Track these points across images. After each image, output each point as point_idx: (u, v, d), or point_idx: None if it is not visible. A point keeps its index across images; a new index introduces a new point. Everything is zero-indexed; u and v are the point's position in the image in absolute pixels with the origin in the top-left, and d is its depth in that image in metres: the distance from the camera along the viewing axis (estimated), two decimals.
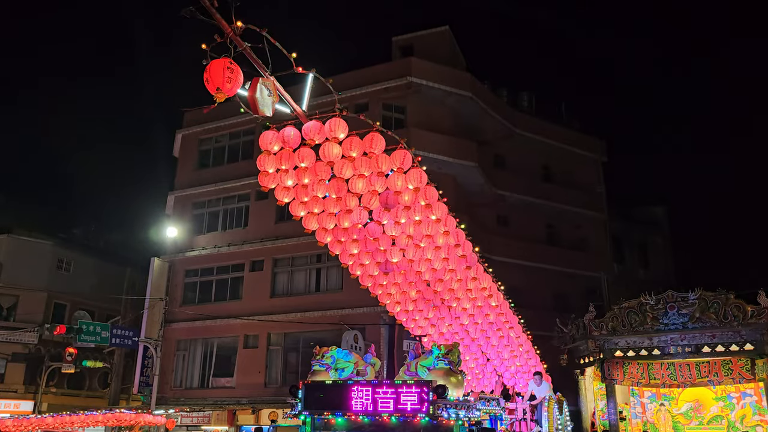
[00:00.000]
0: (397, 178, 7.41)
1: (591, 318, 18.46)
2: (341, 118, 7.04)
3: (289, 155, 7.30)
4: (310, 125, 6.98)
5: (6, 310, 31.53)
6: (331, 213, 8.06)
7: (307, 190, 7.70)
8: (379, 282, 9.73)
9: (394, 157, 7.36)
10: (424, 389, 7.07)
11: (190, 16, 5.53)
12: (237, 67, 5.88)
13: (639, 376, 18.31)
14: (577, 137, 31.27)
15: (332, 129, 6.98)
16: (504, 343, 12.35)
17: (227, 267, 25.69)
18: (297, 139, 7.13)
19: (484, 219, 27.22)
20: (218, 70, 5.77)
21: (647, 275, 31.52)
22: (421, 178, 7.56)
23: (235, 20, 5.72)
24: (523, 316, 13.35)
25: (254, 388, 23.19)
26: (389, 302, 10.19)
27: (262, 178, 7.55)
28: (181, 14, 5.50)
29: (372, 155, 7.24)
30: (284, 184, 7.64)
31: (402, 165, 7.34)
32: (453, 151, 24.51)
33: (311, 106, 6.99)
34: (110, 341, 26.24)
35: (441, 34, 27.27)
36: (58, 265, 33.27)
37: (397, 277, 9.63)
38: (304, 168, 7.39)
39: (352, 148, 7.14)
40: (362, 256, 9.12)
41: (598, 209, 30.53)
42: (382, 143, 7.21)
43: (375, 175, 7.38)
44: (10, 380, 30.62)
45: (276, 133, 7.17)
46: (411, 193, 7.61)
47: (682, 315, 17.28)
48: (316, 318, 22.50)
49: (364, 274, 9.48)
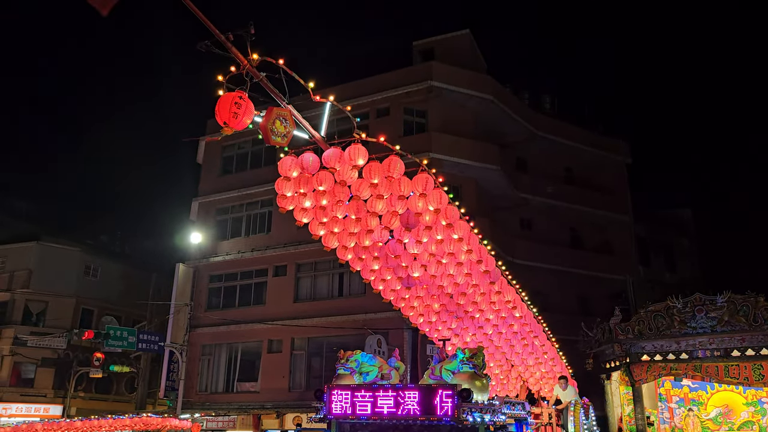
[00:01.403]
0: (417, 199, 7.36)
1: (617, 322, 18.19)
2: (361, 143, 6.98)
3: (307, 179, 7.25)
4: (329, 153, 6.95)
5: (36, 316, 32.15)
6: (351, 232, 7.99)
7: (326, 211, 7.64)
8: (402, 295, 9.68)
9: (416, 181, 7.31)
10: (449, 393, 7.04)
11: (206, 50, 5.58)
12: (246, 102, 5.90)
13: (660, 370, 17.95)
14: (601, 139, 30.98)
15: (352, 157, 6.92)
16: (528, 351, 12.22)
17: (251, 272, 25.88)
18: (316, 164, 7.09)
19: (507, 222, 27.08)
20: (225, 105, 5.83)
21: (674, 278, 31.08)
22: (442, 199, 7.51)
23: (251, 52, 5.76)
24: (548, 320, 13.24)
25: (278, 393, 23.30)
26: (412, 314, 10.14)
27: (280, 201, 7.51)
28: (197, 48, 5.57)
29: (392, 179, 7.18)
30: (302, 205, 7.58)
31: (424, 190, 7.29)
32: (475, 155, 24.44)
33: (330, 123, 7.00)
34: (137, 346, 26.59)
35: (461, 37, 27.24)
36: (85, 272, 33.86)
37: (419, 290, 9.59)
38: (323, 191, 7.33)
39: (371, 174, 7.08)
40: (384, 272, 9.07)
41: (622, 211, 30.18)
42: (402, 167, 7.15)
43: (396, 198, 7.32)
44: (39, 385, 31.19)
45: (295, 159, 7.15)
46: (432, 214, 7.56)
47: (711, 318, 16.94)
48: (340, 322, 22.55)
49: (386, 288, 9.42)
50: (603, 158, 30.56)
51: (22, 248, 33.17)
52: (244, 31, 5.65)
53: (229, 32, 5.62)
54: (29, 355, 30.90)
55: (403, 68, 25.99)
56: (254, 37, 5.75)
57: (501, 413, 7.70)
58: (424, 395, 7.17)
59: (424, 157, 25.09)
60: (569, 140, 29.43)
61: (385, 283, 9.33)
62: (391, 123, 24.90)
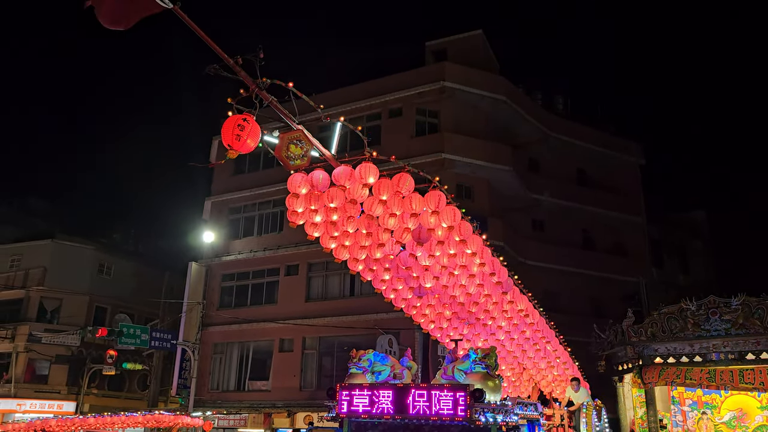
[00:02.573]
0: (430, 216, 7.29)
1: (629, 324, 18.08)
2: (371, 162, 6.93)
3: (318, 196, 7.20)
4: (339, 171, 6.90)
5: (50, 313, 32.45)
6: (362, 246, 7.94)
7: (336, 226, 7.58)
8: (413, 304, 9.66)
9: (428, 198, 7.23)
10: (461, 393, 7.05)
11: (215, 73, 5.60)
12: (250, 124, 5.90)
13: (674, 377, 17.78)
14: (614, 140, 30.81)
15: (362, 176, 6.87)
16: (541, 355, 12.17)
17: (263, 271, 26.00)
18: (326, 182, 7.04)
19: (519, 223, 27.01)
20: (228, 129, 5.83)
21: (687, 280, 30.85)
22: (456, 216, 7.44)
23: (260, 75, 5.77)
24: (559, 322, 13.17)
25: (289, 392, 23.38)
26: (423, 320, 10.12)
27: (291, 216, 7.46)
28: (206, 72, 5.57)
29: (405, 196, 7.12)
30: (313, 220, 7.52)
31: (437, 208, 7.22)
32: (487, 155, 24.39)
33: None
34: (149, 344, 26.73)
35: (474, 38, 27.20)
36: (99, 270, 34.13)
37: (430, 299, 9.56)
38: (334, 207, 7.26)
39: (382, 191, 7.01)
40: (395, 282, 9.04)
41: (635, 213, 30.00)
42: (411, 183, 7.08)
43: (407, 215, 7.25)
44: (53, 381, 31.48)
45: (304, 176, 7.08)
46: (445, 230, 7.50)
47: (725, 321, 16.80)
48: (351, 322, 22.59)
49: (397, 297, 9.41)
50: (616, 159, 30.39)
51: (37, 246, 33.49)
52: (253, 55, 5.67)
53: (238, 56, 5.63)
54: (44, 352, 31.20)
55: (416, 69, 25.99)
56: (263, 61, 5.77)
57: (513, 414, 7.69)
58: (437, 395, 7.18)
59: (436, 157, 25.12)
60: (582, 141, 29.30)
61: (397, 293, 9.31)
62: (404, 123, 24.91)
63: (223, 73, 5.63)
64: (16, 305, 32.27)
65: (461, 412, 6.95)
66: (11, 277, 32.78)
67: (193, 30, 5.36)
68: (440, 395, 7.16)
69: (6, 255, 33.95)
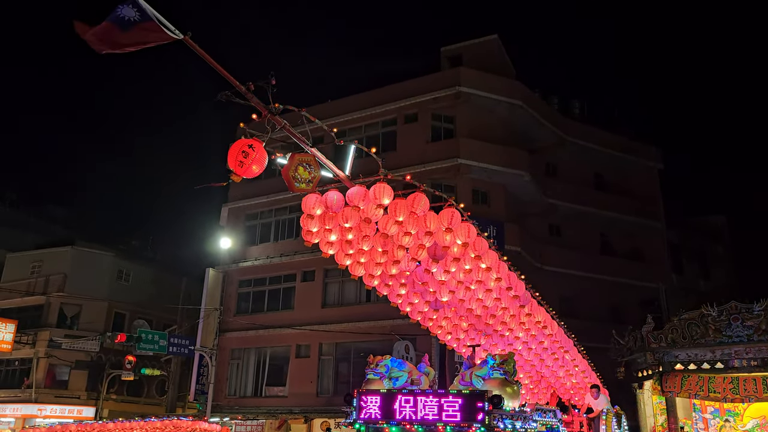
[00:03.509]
0: (444, 234, 7.24)
1: (649, 330, 17.86)
2: (386, 182, 6.91)
3: (332, 216, 7.20)
4: (354, 192, 6.90)
5: (70, 319, 32.82)
6: (378, 262, 7.90)
7: (351, 244, 7.58)
8: (429, 316, 9.63)
9: (442, 216, 7.19)
10: (480, 399, 7.00)
11: (226, 99, 5.62)
12: (256, 150, 5.93)
13: (698, 389, 17.52)
14: (631, 144, 30.52)
15: (377, 196, 6.86)
16: (559, 364, 12.06)
17: (279, 277, 26.08)
18: (340, 203, 7.05)
19: (535, 229, 26.85)
20: (233, 153, 5.88)
21: (708, 286, 30.42)
22: (470, 232, 7.40)
23: (272, 101, 5.80)
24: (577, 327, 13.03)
25: (306, 398, 23.39)
26: (440, 332, 10.08)
27: (306, 235, 7.47)
28: (217, 99, 5.60)
29: (417, 215, 7.08)
30: (328, 239, 7.53)
31: (450, 225, 7.18)
32: (503, 160, 24.29)
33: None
34: (167, 349, 26.93)
35: (490, 43, 27.13)
36: (118, 276, 34.47)
37: (447, 312, 9.52)
38: (348, 227, 7.25)
39: (397, 212, 6.97)
40: (411, 296, 9.01)
41: (654, 218, 29.68)
42: (426, 203, 7.06)
43: (422, 233, 7.22)
44: (73, 387, 31.80)
45: (319, 197, 7.09)
46: (460, 247, 7.46)
47: (747, 327, 16.54)
48: (367, 328, 22.56)
49: (413, 310, 9.38)
50: (634, 164, 30.12)
51: (58, 253, 33.92)
52: (265, 82, 5.70)
53: (249, 82, 5.65)
54: (64, 358, 31.54)
55: (431, 74, 25.98)
56: (276, 88, 5.80)
57: (532, 420, 7.63)
58: (455, 401, 7.14)
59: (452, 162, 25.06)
60: (599, 145, 29.07)
61: (413, 306, 9.27)
62: (419, 129, 24.90)
63: (235, 100, 5.65)
64: (37, 311, 32.69)
65: (479, 418, 6.91)
66: (32, 284, 33.21)
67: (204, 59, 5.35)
68: (458, 401, 7.12)
69: (27, 262, 34.42)
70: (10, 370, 32.68)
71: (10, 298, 33.04)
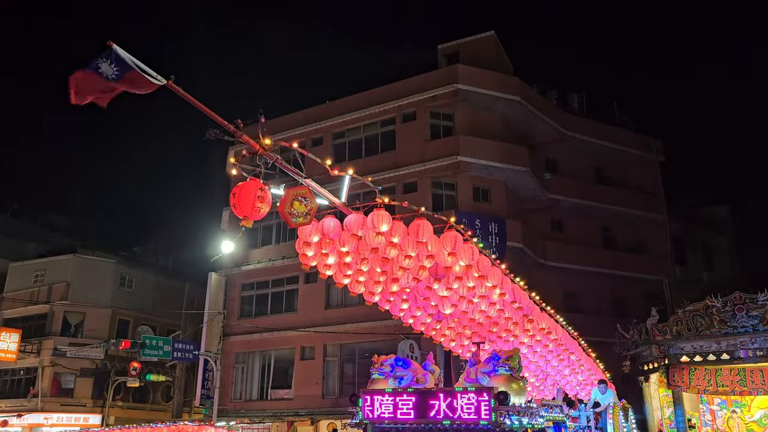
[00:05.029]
0: (447, 257, 7.11)
1: (654, 323, 17.83)
2: (384, 208, 6.76)
3: (330, 242, 7.03)
4: (351, 219, 6.76)
5: (74, 327, 32.80)
6: (377, 281, 7.77)
7: (350, 265, 7.44)
8: (433, 327, 9.58)
9: (444, 240, 7.07)
10: (486, 396, 6.95)
11: (215, 137, 5.54)
12: (267, 192, 5.85)
13: (706, 383, 17.47)
14: (632, 137, 30.46)
15: (375, 225, 6.71)
16: (564, 364, 12.04)
17: (282, 279, 26.03)
18: (337, 229, 6.88)
19: (537, 224, 26.79)
20: (247, 198, 5.75)
21: (712, 278, 30.31)
22: (474, 254, 7.29)
23: (262, 137, 5.73)
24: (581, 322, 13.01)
25: (312, 400, 23.35)
26: (443, 340, 10.05)
27: (303, 258, 7.29)
28: (207, 137, 5.51)
29: (421, 243, 6.93)
30: (325, 262, 7.38)
31: (454, 249, 7.06)
32: (503, 157, 24.23)
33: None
34: (172, 355, 26.89)
35: (486, 39, 27.07)
36: (120, 283, 34.45)
37: (450, 322, 9.47)
38: (346, 252, 7.10)
39: (394, 235, 6.81)
40: (413, 309, 8.93)
41: (656, 210, 29.60)
42: (429, 229, 6.93)
43: (423, 255, 7.10)
44: (79, 394, 31.78)
45: (315, 224, 6.91)
46: (463, 268, 7.36)
47: (752, 317, 16.50)
48: (371, 328, 22.51)
49: (416, 322, 9.31)
50: (634, 156, 30.03)
51: (60, 261, 33.91)
52: (254, 121, 5.69)
53: (238, 119, 5.60)
54: (69, 366, 31.52)
55: (428, 72, 25.93)
56: (265, 129, 5.79)
57: (539, 416, 7.58)
58: (460, 399, 7.10)
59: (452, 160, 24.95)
60: (599, 139, 28.99)
61: (416, 318, 9.20)
62: (418, 127, 24.84)
63: (225, 137, 5.56)
64: (41, 320, 32.69)
65: (486, 415, 6.86)
66: (35, 293, 33.21)
67: (188, 100, 5.27)
68: (464, 399, 7.07)
69: (29, 271, 34.41)
70: (16, 379, 32.66)
71: (13, 307, 33.08)
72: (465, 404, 7.02)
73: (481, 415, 6.91)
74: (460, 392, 7.20)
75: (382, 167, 24.40)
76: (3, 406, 31.36)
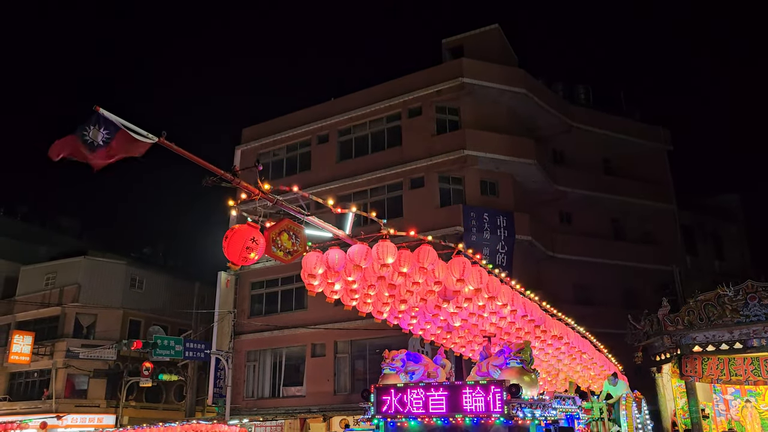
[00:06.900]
0: (456, 283, 7.03)
1: (665, 313, 17.72)
2: (389, 239, 6.68)
3: (335, 273, 6.94)
4: (355, 251, 6.66)
5: (86, 329, 33.02)
6: (385, 302, 7.69)
7: (357, 291, 7.36)
8: (443, 337, 9.54)
9: (452, 266, 6.99)
10: (498, 389, 6.93)
11: (212, 184, 5.51)
12: (259, 244, 5.80)
13: (719, 373, 17.37)
14: (639, 127, 30.29)
15: (380, 256, 6.62)
16: (576, 362, 11.98)
17: (291, 277, 26.02)
18: (342, 261, 6.78)
19: (546, 217, 26.71)
20: (237, 245, 5.71)
21: (723, 267, 30.11)
22: (482, 277, 7.22)
23: (261, 183, 5.72)
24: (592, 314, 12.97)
25: (324, 396, 23.41)
26: (454, 347, 10.02)
27: (309, 286, 7.22)
28: (204, 184, 5.48)
29: (426, 270, 6.85)
30: (332, 289, 7.30)
31: (462, 276, 6.98)
32: (510, 150, 24.16)
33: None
34: (184, 354, 26.98)
35: (491, 32, 26.97)
36: (131, 284, 34.63)
37: (460, 332, 9.43)
38: (352, 281, 7.02)
39: (402, 264, 6.73)
40: (422, 323, 8.88)
41: (665, 200, 29.43)
42: (434, 255, 6.85)
43: (431, 281, 7.03)
44: (92, 395, 32.01)
45: (320, 256, 6.83)
46: (472, 291, 7.29)
47: (765, 306, 16.37)
48: (382, 324, 22.49)
49: (426, 333, 9.27)
50: (642, 146, 29.85)
51: (71, 263, 34.13)
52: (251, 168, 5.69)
53: (235, 165, 5.59)
54: (82, 367, 31.74)
55: (433, 66, 25.86)
56: (263, 178, 5.77)
57: (552, 408, 7.55)
58: (472, 392, 7.08)
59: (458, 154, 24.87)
60: (606, 130, 28.86)
61: (425, 330, 9.15)
62: (424, 122, 24.80)
63: (222, 184, 5.53)
64: (53, 322, 32.91)
65: (498, 408, 6.84)
66: (47, 295, 33.45)
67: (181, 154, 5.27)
68: (476, 392, 7.06)
69: (41, 274, 34.67)
70: (30, 381, 32.95)
71: (26, 310, 33.31)
72: (477, 398, 7.00)
73: (494, 409, 6.87)
74: (471, 386, 7.18)
75: (389, 163, 24.39)
76: (18, 408, 31.62)
